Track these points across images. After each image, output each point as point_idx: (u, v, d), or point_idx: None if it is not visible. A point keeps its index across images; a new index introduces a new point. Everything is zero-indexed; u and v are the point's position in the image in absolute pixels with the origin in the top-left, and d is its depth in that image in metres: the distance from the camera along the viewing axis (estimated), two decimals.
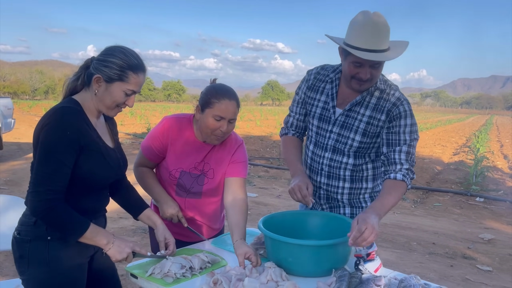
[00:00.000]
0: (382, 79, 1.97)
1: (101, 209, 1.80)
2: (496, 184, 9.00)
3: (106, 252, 1.64)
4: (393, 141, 1.92)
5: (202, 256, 1.84)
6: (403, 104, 1.91)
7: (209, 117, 1.90)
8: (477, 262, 4.47)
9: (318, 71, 2.11)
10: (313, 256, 1.73)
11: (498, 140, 21.61)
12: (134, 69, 1.62)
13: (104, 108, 1.66)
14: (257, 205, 6.50)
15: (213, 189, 2.08)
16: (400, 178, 1.86)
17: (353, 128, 1.98)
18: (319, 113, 2.08)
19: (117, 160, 1.77)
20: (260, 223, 1.88)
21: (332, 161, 2.06)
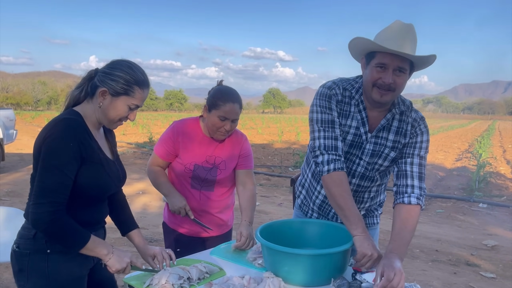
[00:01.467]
0: (401, 99, 1.95)
1: (101, 220, 1.80)
2: (499, 190, 8.95)
3: (106, 263, 1.63)
4: (406, 153, 1.93)
5: (201, 266, 1.83)
6: (419, 125, 1.95)
7: (214, 117, 2.15)
8: (480, 269, 4.43)
9: (342, 92, 1.94)
10: (310, 265, 1.71)
11: (500, 146, 21.54)
12: (140, 85, 1.64)
13: (106, 121, 1.67)
14: (258, 214, 6.48)
15: (225, 178, 2.32)
16: (415, 202, 1.82)
17: (382, 155, 1.96)
18: (350, 139, 1.95)
19: (117, 172, 1.77)
20: (257, 232, 1.87)
21: (359, 187, 2.04)
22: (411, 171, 1.89)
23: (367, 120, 1.92)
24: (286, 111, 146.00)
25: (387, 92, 1.79)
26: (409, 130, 1.93)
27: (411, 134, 1.93)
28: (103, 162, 1.66)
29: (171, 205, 2.24)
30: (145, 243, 1.91)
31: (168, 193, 2.27)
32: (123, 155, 12.94)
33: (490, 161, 12.59)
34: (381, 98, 1.81)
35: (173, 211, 2.24)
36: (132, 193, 7.41)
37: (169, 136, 2.27)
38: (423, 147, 1.93)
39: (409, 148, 1.93)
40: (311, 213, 2.21)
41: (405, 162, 1.91)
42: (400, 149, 1.95)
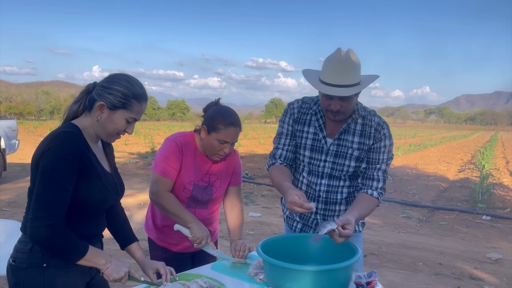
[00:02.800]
0: (361, 107, 2.13)
1: (98, 234, 1.79)
2: (502, 202, 8.89)
3: (104, 272, 1.61)
4: (373, 160, 2.11)
5: (201, 281, 1.81)
6: (383, 129, 2.10)
7: (214, 140, 2.08)
8: (484, 283, 4.38)
9: (300, 104, 2.19)
10: (313, 282, 1.69)
11: (503, 157, 21.47)
12: (138, 98, 1.64)
13: (104, 134, 1.67)
14: (260, 225, 6.44)
15: (220, 196, 2.29)
16: (376, 196, 2.07)
17: (347, 156, 2.11)
18: (310, 144, 2.15)
19: (115, 185, 1.76)
20: (258, 248, 1.84)
21: (329, 187, 2.15)
22: (377, 176, 2.10)
23: (324, 126, 2.13)
24: None
25: (338, 115, 2.01)
26: (372, 133, 2.09)
27: (376, 138, 2.09)
28: (101, 175, 1.65)
29: (196, 232, 2.06)
30: (145, 256, 1.89)
31: (193, 220, 2.09)
32: (125, 165, 12.94)
33: (493, 172, 12.53)
34: (334, 118, 2.04)
35: (195, 238, 2.07)
36: (134, 204, 7.39)
37: (174, 153, 2.12)
38: (387, 151, 2.11)
39: (375, 153, 2.10)
40: (296, 225, 2.29)
41: (372, 168, 2.10)
42: (365, 151, 2.10)
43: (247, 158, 15.82)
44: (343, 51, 1.94)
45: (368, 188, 2.08)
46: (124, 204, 1.94)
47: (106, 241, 1.84)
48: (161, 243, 2.25)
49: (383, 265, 4.82)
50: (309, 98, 2.21)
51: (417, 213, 7.70)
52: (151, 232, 2.30)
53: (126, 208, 1.91)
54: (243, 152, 18.02)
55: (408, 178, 11.82)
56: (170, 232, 2.18)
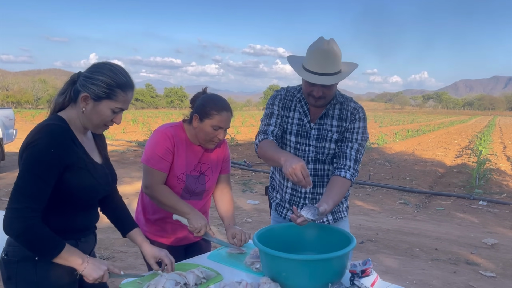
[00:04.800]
0: (339, 94, 2.25)
1: (91, 226, 1.79)
2: (499, 187, 8.94)
3: (81, 272, 1.58)
4: (346, 138, 2.20)
5: (197, 271, 1.82)
6: (358, 112, 2.22)
7: (207, 126, 2.08)
8: (480, 268, 4.42)
9: (285, 93, 2.29)
10: (308, 271, 1.70)
11: (501, 142, 21.51)
12: (123, 87, 1.61)
13: (91, 126, 1.66)
14: (258, 212, 6.47)
15: (213, 185, 2.30)
16: (349, 177, 2.10)
17: (327, 139, 2.21)
18: (295, 129, 2.24)
19: (105, 176, 1.75)
20: (254, 237, 1.86)
21: (316, 170, 2.24)
22: (350, 154, 2.15)
23: (308, 112, 2.23)
24: None
25: (319, 100, 2.11)
26: (349, 117, 2.21)
27: (351, 120, 2.20)
28: (89, 167, 1.64)
29: (195, 222, 2.05)
30: (147, 242, 1.89)
31: (190, 210, 2.08)
32: (123, 154, 12.94)
33: (491, 158, 12.57)
34: (316, 103, 2.14)
35: (194, 228, 2.06)
36: (132, 192, 7.40)
37: (165, 145, 2.10)
38: (361, 132, 2.20)
39: (349, 133, 2.20)
40: (286, 212, 2.34)
41: (345, 146, 2.17)
42: (342, 132, 2.21)
43: (245, 145, 15.82)
44: (325, 41, 2.02)
45: (341, 168, 2.11)
46: (122, 192, 1.94)
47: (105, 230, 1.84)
48: (152, 236, 2.23)
49: (380, 251, 4.86)
50: (292, 87, 2.32)
51: (414, 198, 7.74)
52: (142, 227, 2.26)
53: (124, 196, 1.91)
54: (241, 139, 18.00)
55: (405, 164, 11.86)
56: (163, 224, 2.20)
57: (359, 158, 2.19)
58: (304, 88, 2.14)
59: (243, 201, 7.10)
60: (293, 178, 1.86)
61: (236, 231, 2.20)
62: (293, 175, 1.86)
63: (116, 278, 1.72)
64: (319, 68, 2.01)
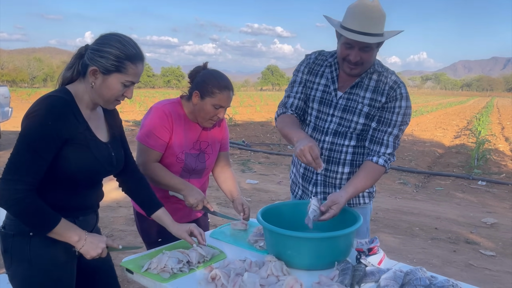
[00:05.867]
0: (379, 63, 2.01)
1: (91, 205, 1.73)
2: (498, 167, 8.94)
3: (79, 250, 1.55)
4: (385, 119, 1.96)
5: (200, 249, 1.78)
6: (400, 87, 1.96)
7: (208, 105, 2.00)
8: (480, 247, 4.43)
9: (316, 56, 2.11)
10: (313, 249, 1.67)
11: (499, 123, 21.50)
12: (132, 59, 1.53)
13: (102, 101, 1.58)
14: (258, 192, 6.45)
15: (212, 163, 2.24)
16: (382, 163, 1.94)
17: (356, 111, 1.99)
18: (319, 96, 2.06)
19: (109, 156, 1.67)
20: (258, 215, 1.81)
21: (333, 145, 2.04)
22: (387, 141, 1.96)
23: (337, 79, 2.02)
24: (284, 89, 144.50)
25: (356, 67, 1.90)
26: (386, 90, 1.95)
27: (390, 97, 1.94)
28: (89, 144, 1.57)
29: (191, 198, 2.02)
30: (174, 222, 1.86)
31: (184, 186, 2.04)
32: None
33: (489, 138, 12.55)
34: (351, 71, 1.93)
35: (190, 204, 2.04)
36: None
37: (163, 123, 2.02)
38: (401, 113, 1.94)
39: (387, 113, 1.95)
40: (297, 191, 2.23)
41: (382, 131, 1.96)
42: (377, 108, 1.96)
43: (243, 125, 15.74)
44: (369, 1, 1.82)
45: (375, 154, 1.96)
46: None
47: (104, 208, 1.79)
48: None
49: (380, 230, 4.86)
50: (327, 52, 2.12)
51: (413, 179, 7.73)
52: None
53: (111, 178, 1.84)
54: (239, 119, 17.91)
55: (404, 144, 11.83)
56: None
57: (397, 144, 1.99)
58: (340, 52, 1.91)
59: (242, 180, 7.07)
60: (302, 159, 1.81)
61: (245, 202, 2.19)
62: (302, 157, 1.79)
63: (115, 252, 1.69)
64: (361, 26, 1.78)
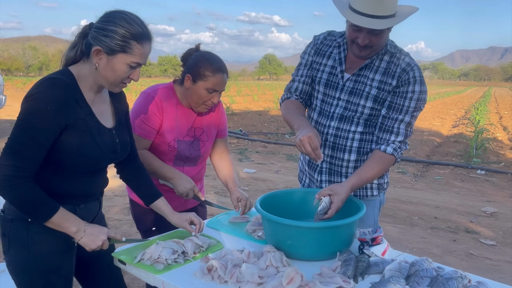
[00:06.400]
0: (392, 44, 1.87)
1: (93, 193, 1.64)
2: (497, 156, 8.90)
3: (78, 242, 1.48)
4: (396, 105, 1.82)
5: (196, 239, 1.70)
6: (413, 70, 1.80)
7: (201, 89, 1.90)
8: (480, 236, 4.38)
9: (325, 36, 2.00)
10: (314, 239, 1.59)
11: (497, 112, 21.47)
12: (139, 39, 1.43)
13: (106, 84, 1.49)
14: (255, 181, 6.38)
15: (208, 150, 2.14)
16: (390, 151, 1.81)
17: (363, 94, 1.86)
18: (325, 78, 1.94)
19: (112, 142, 1.57)
20: (257, 203, 1.73)
21: (339, 130, 1.91)
22: (397, 128, 1.82)
23: (344, 60, 1.89)
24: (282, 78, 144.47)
25: (364, 50, 1.77)
26: (398, 73, 1.80)
27: (402, 80, 1.79)
28: (92, 130, 1.48)
29: (179, 187, 1.94)
30: (173, 212, 1.78)
31: (173, 175, 1.95)
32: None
33: (487, 127, 12.51)
34: (360, 53, 1.79)
35: (180, 193, 1.96)
36: None
37: (152, 110, 1.93)
38: (415, 98, 1.79)
39: (399, 98, 1.81)
40: (305, 179, 2.13)
41: (393, 118, 1.82)
42: (387, 92, 1.82)
43: (241, 114, 15.63)
44: None
45: (384, 142, 1.84)
46: None
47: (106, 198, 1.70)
48: None
49: (379, 220, 4.79)
50: (337, 32, 2.00)
51: (412, 168, 7.67)
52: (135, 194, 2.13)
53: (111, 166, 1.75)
54: (236, 108, 17.78)
55: None
56: None
57: (409, 132, 1.85)
58: (348, 34, 1.78)
59: (239, 169, 7.00)
60: (301, 150, 1.72)
61: (242, 196, 2.05)
62: (301, 147, 1.71)
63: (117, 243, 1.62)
64: (369, 8, 1.63)
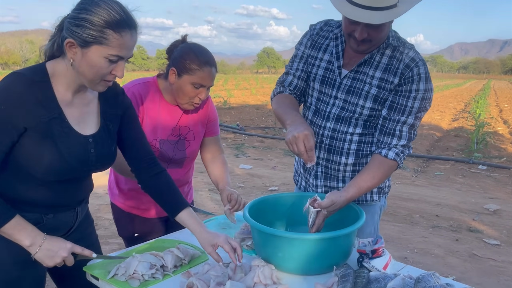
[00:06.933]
0: (395, 36, 1.66)
1: (67, 203, 1.45)
2: (498, 150, 8.74)
3: (33, 256, 1.31)
4: (398, 106, 1.63)
5: (177, 251, 1.53)
6: (418, 66, 1.61)
7: (187, 84, 1.74)
8: (483, 235, 4.23)
9: (322, 26, 1.79)
10: (309, 251, 1.42)
11: (496, 105, 21.30)
12: (116, 28, 1.22)
13: (86, 81, 1.29)
14: (251, 177, 6.22)
15: (195, 150, 1.98)
16: (392, 156, 1.63)
17: (362, 93, 1.66)
18: (321, 75, 1.74)
19: (84, 152, 1.36)
20: (245, 210, 1.56)
21: (335, 132, 1.73)
22: (399, 131, 1.64)
23: (342, 54, 1.70)
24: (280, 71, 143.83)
25: (363, 44, 1.58)
26: (400, 70, 1.61)
27: (405, 78, 1.60)
28: (55, 136, 1.29)
29: None
30: (201, 225, 1.50)
31: None
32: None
33: (488, 121, 12.34)
34: (358, 48, 1.61)
35: None
36: None
37: None
38: (419, 98, 1.61)
39: (401, 97, 1.62)
40: (301, 181, 1.96)
41: (394, 120, 1.64)
42: (388, 90, 1.63)
43: (238, 108, 15.44)
44: None
45: (385, 146, 1.66)
46: None
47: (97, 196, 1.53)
48: (128, 209, 1.93)
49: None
50: (335, 21, 1.79)
51: (412, 163, 7.51)
52: (116, 198, 1.96)
53: None
54: (234, 102, 17.58)
55: None
56: (138, 195, 1.86)
57: (413, 135, 1.67)
58: (344, 27, 1.59)
59: (235, 166, 6.83)
60: (293, 148, 1.53)
61: (233, 194, 1.85)
62: (294, 145, 1.52)
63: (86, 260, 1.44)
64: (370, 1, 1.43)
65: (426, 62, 1.69)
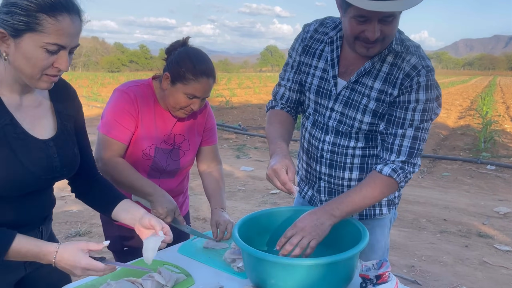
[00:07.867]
0: (398, 37, 1.47)
1: (30, 221, 1.29)
2: (506, 149, 8.52)
3: None
4: (395, 119, 1.45)
5: (157, 276, 1.36)
6: (420, 75, 1.41)
7: (180, 93, 1.62)
8: (494, 241, 4.04)
9: (316, 28, 1.60)
10: (306, 277, 1.25)
11: (503, 102, 21.01)
12: (50, 11, 1.04)
13: (25, 78, 1.12)
14: (252, 180, 6.06)
15: (190, 160, 1.85)
16: (387, 172, 1.43)
17: (360, 107, 1.50)
18: (316, 85, 1.57)
19: (47, 158, 1.22)
20: (235, 230, 1.39)
21: (335, 146, 1.58)
22: (398, 146, 1.45)
23: (337, 61, 1.52)
24: None
25: (374, 45, 1.39)
26: (400, 80, 1.43)
27: (404, 88, 1.42)
28: (12, 144, 1.14)
29: (159, 207, 1.59)
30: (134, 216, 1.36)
31: (154, 191, 1.62)
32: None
33: (495, 119, 12.10)
34: (368, 52, 1.41)
35: (158, 215, 1.58)
36: None
37: (126, 108, 1.64)
38: (419, 109, 1.42)
39: (398, 110, 1.44)
40: (306, 191, 1.78)
41: (391, 134, 1.46)
42: (387, 103, 1.46)
43: (241, 108, 15.28)
44: None
45: (382, 162, 1.48)
46: None
47: None
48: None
49: None
50: (331, 20, 1.59)
51: None
52: None
53: None
54: (237, 101, 17.43)
55: None
56: None
57: (417, 149, 1.46)
58: (350, 29, 1.38)
59: (236, 167, 6.67)
60: (272, 183, 1.37)
61: (222, 220, 1.69)
62: (272, 178, 1.35)
63: None
64: None
65: (431, 58, 1.51)
